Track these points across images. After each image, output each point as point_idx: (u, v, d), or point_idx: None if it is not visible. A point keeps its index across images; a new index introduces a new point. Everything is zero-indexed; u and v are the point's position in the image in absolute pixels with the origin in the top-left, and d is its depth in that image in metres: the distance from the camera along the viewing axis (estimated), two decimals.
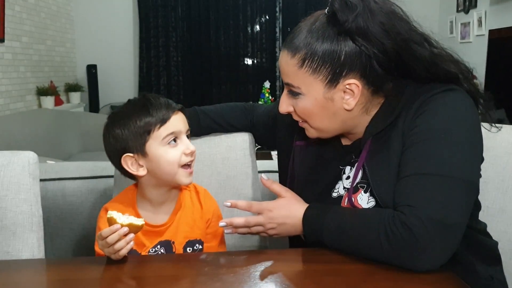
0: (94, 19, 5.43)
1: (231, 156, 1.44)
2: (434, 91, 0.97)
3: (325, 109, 1.00)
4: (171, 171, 1.09)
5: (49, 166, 1.76)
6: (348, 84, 0.97)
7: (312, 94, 0.99)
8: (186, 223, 1.17)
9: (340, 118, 1.02)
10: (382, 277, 0.89)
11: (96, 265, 0.99)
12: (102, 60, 5.40)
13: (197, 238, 1.17)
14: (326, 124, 1.03)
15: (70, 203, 1.71)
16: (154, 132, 1.07)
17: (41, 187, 1.55)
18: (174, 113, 1.10)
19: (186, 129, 1.13)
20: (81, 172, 1.74)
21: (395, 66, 0.97)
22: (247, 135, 1.47)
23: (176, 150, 1.09)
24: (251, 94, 6.04)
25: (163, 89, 5.77)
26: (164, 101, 1.11)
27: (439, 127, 0.94)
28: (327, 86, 0.97)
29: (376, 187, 0.98)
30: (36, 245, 1.17)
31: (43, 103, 4.34)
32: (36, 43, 4.40)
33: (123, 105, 1.14)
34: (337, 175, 1.10)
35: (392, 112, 1.00)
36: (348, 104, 0.99)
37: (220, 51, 5.82)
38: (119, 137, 1.09)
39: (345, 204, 1.05)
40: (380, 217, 0.92)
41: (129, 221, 0.96)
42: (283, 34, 5.98)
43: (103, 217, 1.13)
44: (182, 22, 5.68)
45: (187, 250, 1.15)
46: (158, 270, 0.97)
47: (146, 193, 1.15)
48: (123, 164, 1.10)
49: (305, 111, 1.02)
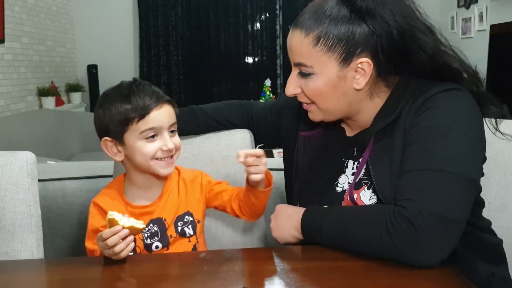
0: (94, 19, 5.43)
1: (231, 154, 1.43)
2: (436, 89, 0.98)
3: (336, 88, 1.00)
4: (145, 163, 1.09)
5: (49, 166, 1.76)
6: (361, 62, 0.98)
7: (325, 73, 0.99)
8: (174, 201, 1.16)
9: (348, 98, 1.02)
10: (382, 274, 0.89)
11: (96, 265, 0.98)
12: (102, 60, 5.40)
13: (186, 211, 1.17)
14: (334, 105, 1.03)
15: (70, 203, 1.72)
16: (133, 125, 1.07)
17: (41, 187, 1.56)
18: (156, 107, 1.08)
19: (170, 124, 1.10)
20: (81, 172, 1.74)
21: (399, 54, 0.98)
22: (247, 132, 1.46)
23: (153, 145, 1.08)
24: (252, 92, 6.03)
25: (163, 88, 5.77)
26: (150, 91, 1.09)
27: (441, 125, 0.94)
28: (340, 64, 0.98)
29: (378, 184, 0.98)
30: (35, 245, 1.16)
31: (44, 103, 4.34)
32: (36, 44, 4.40)
33: (114, 86, 1.14)
34: (340, 168, 1.10)
35: (394, 110, 1.00)
36: (358, 83, 1.00)
37: (220, 49, 5.82)
38: (101, 118, 1.10)
39: (347, 200, 1.04)
40: (380, 212, 0.92)
41: (130, 224, 0.95)
42: (284, 32, 5.96)
43: (92, 212, 1.14)
44: (182, 21, 5.67)
45: (178, 225, 1.15)
46: (158, 269, 0.97)
47: (132, 178, 1.15)
48: (102, 146, 1.12)
49: (315, 91, 1.01)
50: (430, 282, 0.86)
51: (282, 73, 6.07)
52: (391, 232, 0.88)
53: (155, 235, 1.13)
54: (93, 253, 1.09)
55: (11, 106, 3.89)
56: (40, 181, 1.56)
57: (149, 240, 1.12)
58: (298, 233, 1.04)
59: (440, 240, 0.87)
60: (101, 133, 1.12)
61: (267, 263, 0.96)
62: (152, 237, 1.13)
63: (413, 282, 0.86)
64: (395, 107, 1.01)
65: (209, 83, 5.88)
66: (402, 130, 0.98)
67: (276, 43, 5.98)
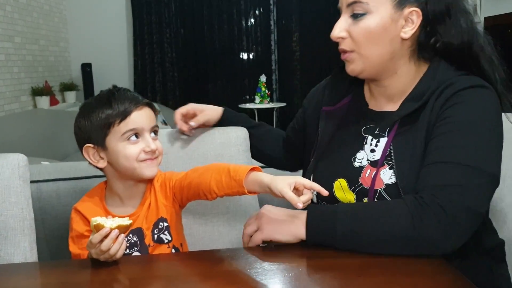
0: (87, 18, 5.40)
1: (225, 153, 1.43)
2: (463, 84, 1.01)
3: (386, 31, 1.02)
4: (129, 166, 1.09)
5: (43, 167, 1.75)
6: (411, 12, 1.01)
7: (380, 11, 1.01)
8: (153, 207, 1.15)
9: (392, 48, 1.04)
10: (378, 271, 0.88)
11: (90, 268, 0.97)
12: (96, 58, 5.37)
13: (159, 217, 1.15)
14: (378, 51, 1.04)
15: (65, 204, 1.70)
16: (114, 127, 1.07)
17: (35, 188, 1.55)
18: (137, 109, 1.09)
19: (151, 126, 1.11)
20: (75, 172, 1.73)
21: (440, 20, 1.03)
22: (241, 130, 1.46)
23: (136, 146, 1.08)
24: (247, 88, 6.02)
25: (158, 85, 5.75)
26: (130, 95, 1.10)
27: (470, 120, 0.97)
28: (395, 7, 1.01)
29: (398, 167, 1.01)
30: (29, 248, 1.15)
31: (38, 103, 4.32)
32: (29, 43, 4.37)
33: (94, 96, 1.15)
34: (359, 143, 1.11)
35: (422, 96, 1.03)
36: (406, 32, 1.03)
37: (214, 46, 5.80)
38: (83, 128, 1.10)
39: (366, 175, 1.05)
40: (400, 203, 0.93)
41: (116, 223, 0.94)
42: (278, 27, 5.95)
43: (74, 218, 1.13)
44: (176, 18, 5.65)
45: (155, 232, 1.14)
46: (153, 270, 0.96)
47: (113, 187, 1.15)
48: (84, 154, 1.12)
49: (366, 31, 1.02)
50: (425, 279, 0.86)
51: (277, 68, 6.06)
52: (419, 220, 0.90)
53: (134, 245, 1.12)
54: (79, 257, 1.09)
55: (4, 106, 3.87)
56: (34, 182, 1.55)
57: (128, 250, 1.10)
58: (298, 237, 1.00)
59: (464, 230, 0.91)
60: (82, 141, 1.12)
61: (262, 262, 0.95)
62: (132, 247, 1.11)
63: (409, 279, 0.86)
64: (423, 94, 1.03)
65: (204, 79, 5.86)
66: (427, 121, 1.01)
67: (271, 38, 5.97)
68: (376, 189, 1.03)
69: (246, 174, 0.99)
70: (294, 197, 0.90)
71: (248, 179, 1.00)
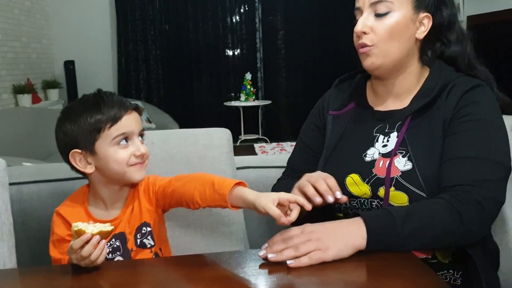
0: (70, 14, 5.34)
1: (208, 154, 1.42)
2: (470, 84, 1.11)
3: (407, 29, 1.12)
4: (120, 170, 1.07)
5: (24, 169, 1.72)
6: (424, 17, 1.13)
7: (402, 10, 1.11)
8: (136, 212, 1.14)
9: (409, 46, 1.14)
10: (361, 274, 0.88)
11: (70, 273, 0.96)
12: (80, 55, 5.32)
13: (142, 222, 1.14)
14: (396, 47, 1.12)
15: (46, 206, 1.67)
16: (105, 131, 1.05)
17: (16, 190, 1.53)
18: (126, 113, 1.08)
19: (139, 130, 1.10)
20: (57, 174, 1.70)
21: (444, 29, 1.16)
22: (225, 132, 1.45)
23: (126, 151, 1.07)
24: (233, 86, 6.02)
25: (142, 83, 5.72)
26: (118, 99, 1.09)
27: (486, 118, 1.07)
28: (413, 9, 1.12)
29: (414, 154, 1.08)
30: (7, 254, 1.13)
31: (20, 101, 4.27)
32: (10, 40, 4.31)
33: (77, 100, 1.12)
34: (370, 141, 1.16)
35: (431, 93, 1.12)
36: (419, 33, 1.14)
37: (199, 43, 5.78)
38: (69, 133, 1.07)
39: (379, 166, 1.11)
40: (443, 203, 0.99)
41: (98, 229, 0.93)
42: (263, 25, 5.95)
43: (56, 221, 1.12)
44: (160, 15, 5.62)
45: (137, 237, 1.13)
46: (135, 275, 0.95)
47: (97, 192, 1.13)
48: (70, 159, 1.08)
49: (389, 27, 1.11)
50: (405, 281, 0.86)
51: (262, 66, 6.06)
52: (464, 216, 0.97)
53: (117, 250, 1.11)
54: (60, 261, 1.07)
55: None
56: (15, 184, 1.52)
57: (110, 255, 1.09)
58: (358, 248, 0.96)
59: (492, 219, 1.03)
60: (67, 147, 1.08)
61: (243, 267, 0.95)
62: (114, 252, 1.10)
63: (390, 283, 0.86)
64: (431, 91, 1.12)
65: (188, 77, 5.85)
66: (442, 117, 1.09)
67: (256, 36, 5.97)
68: (392, 176, 1.08)
69: (231, 188, 1.00)
70: (278, 212, 0.92)
71: (232, 194, 1.00)
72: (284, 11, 5.90)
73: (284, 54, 6.03)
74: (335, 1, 5.68)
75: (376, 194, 1.10)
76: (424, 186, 1.04)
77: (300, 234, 0.95)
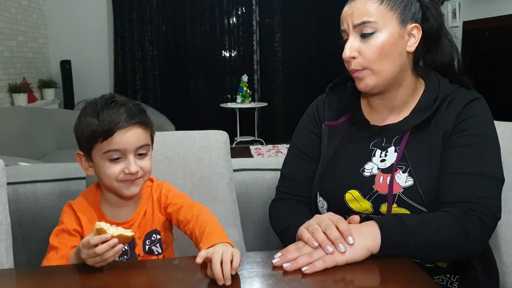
0: (67, 14, 5.33)
1: (205, 156, 1.43)
2: (468, 98, 1.11)
3: (396, 46, 1.09)
4: (109, 184, 1.07)
5: (20, 169, 1.72)
6: (412, 27, 1.10)
7: (388, 29, 1.08)
8: (147, 217, 1.15)
9: (401, 61, 1.11)
10: (353, 277, 0.89)
11: (67, 274, 0.96)
12: (76, 55, 5.31)
13: (153, 229, 1.15)
14: (389, 66, 1.10)
15: (43, 206, 1.68)
16: (98, 143, 1.04)
17: (12, 190, 1.53)
18: (123, 129, 1.04)
19: (137, 147, 1.06)
20: (53, 174, 1.71)
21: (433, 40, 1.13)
22: (222, 134, 1.46)
23: (117, 166, 1.05)
24: (229, 87, 6.02)
25: (139, 84, 5.71)
26: (123, 111, 1.05)
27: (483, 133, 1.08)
28: (400, 24, 1.09)
29: (415, 169, 1.08)
30: (5, 254, 1.14)
31: (16, 100, 4.25)
32: (6, 39, 4.30)
33: (96, 98, 1.10)
34: (367, 155, 1.15)
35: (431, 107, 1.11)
36: (410, 46, 1.11)
37: (196, 44, 5.78)
38: (76, 129, 1.08)
39: (380, 182, 1.10)
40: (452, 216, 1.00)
41: (119, 232, 0.93)
42: (260, 27, 5.96)
43: (67, 212, 1.12)
44: (157, 15, 5.62)
45: (146, 243, 1.13)
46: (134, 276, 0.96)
47: (105, 194, 1.14)
48: (76, 158, 1.10)
49: (377, 48, 1.08)
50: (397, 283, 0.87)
51: (259, 68, 6.06)
52: (469, 230, 0.98)
53: (124, 253, 1.11)
54: (55, 250, 1.07)
55: None
56: (11, 184, 1.53)
57: (117, 258, 1.10)
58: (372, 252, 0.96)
59: (490, 233, 1.04)
60: (78, 144, 1.10)
61: (239, 270, 0.95)
62: (122, 255, 1.11)
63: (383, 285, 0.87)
64: (431, 104, 1.11)
65: (185, 78, 5.84)
66: (441, 131, 1.09)
67: (253, 38, 5.98)
68: (395, 193, 1.07)
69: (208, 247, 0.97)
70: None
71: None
72: (281, 13, 5.92)
73: (281, 56, 6.04)
74: (332, 4, 5.70)
75: (378, 210, 1.10)
76: (425, 202, 1.05)
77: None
